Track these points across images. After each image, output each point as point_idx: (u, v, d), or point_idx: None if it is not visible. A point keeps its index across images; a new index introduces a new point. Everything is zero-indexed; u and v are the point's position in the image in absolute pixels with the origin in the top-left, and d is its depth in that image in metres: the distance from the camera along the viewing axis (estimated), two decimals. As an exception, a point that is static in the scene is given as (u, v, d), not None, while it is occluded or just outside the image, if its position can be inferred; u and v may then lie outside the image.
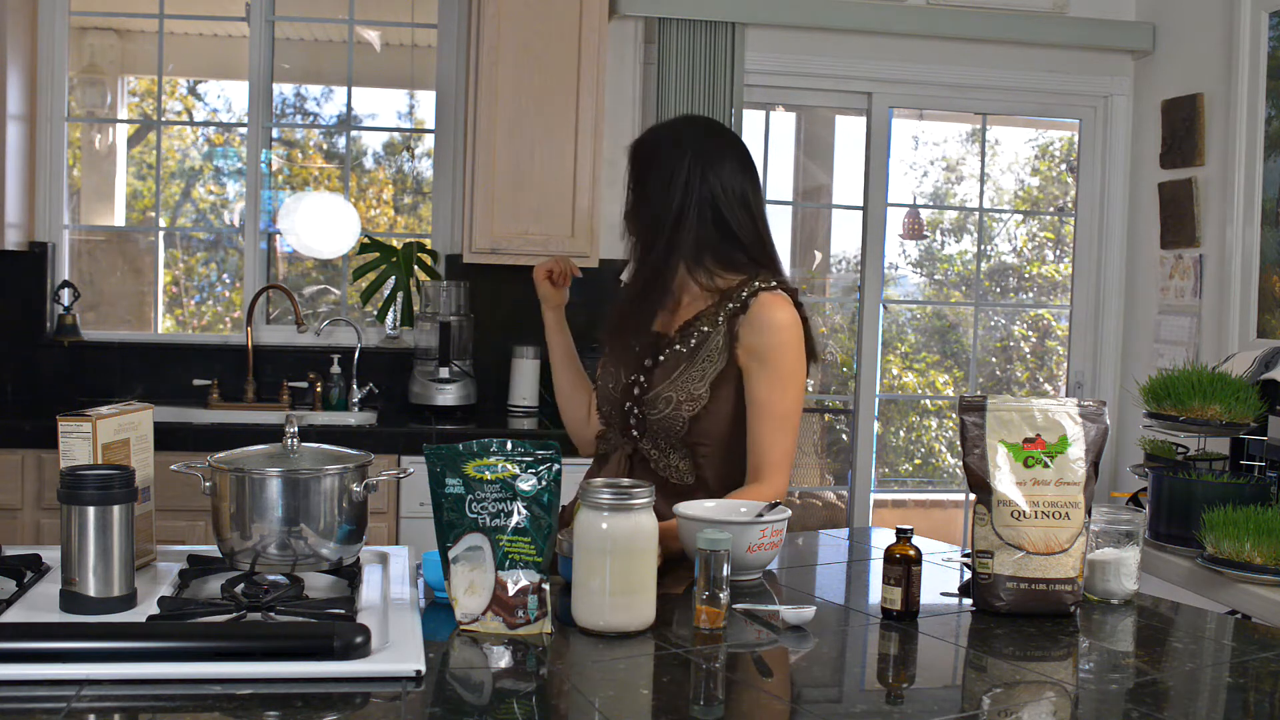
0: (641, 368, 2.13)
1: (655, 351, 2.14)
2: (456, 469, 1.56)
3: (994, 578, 1.72)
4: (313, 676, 1.32)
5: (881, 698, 1.42)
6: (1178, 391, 2.65)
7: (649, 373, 2.12)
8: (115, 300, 4.46)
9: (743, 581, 1.84)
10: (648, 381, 2.11)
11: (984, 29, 4.28)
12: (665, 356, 2.12)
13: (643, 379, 2.12)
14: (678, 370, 2.10)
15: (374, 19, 4.51)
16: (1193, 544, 2.56)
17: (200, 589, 1.69)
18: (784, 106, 4.71)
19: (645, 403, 2.10)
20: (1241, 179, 3.75)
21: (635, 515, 1.56)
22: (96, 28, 4.51)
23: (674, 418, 2.08)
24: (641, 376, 2.12)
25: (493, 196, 3.81)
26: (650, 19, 4.10)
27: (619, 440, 2.17)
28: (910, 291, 5.68)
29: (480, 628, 1.55)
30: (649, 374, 2.12)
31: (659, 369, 2.12)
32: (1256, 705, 1.44)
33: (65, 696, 1.26)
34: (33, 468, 3.43)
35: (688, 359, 2.10)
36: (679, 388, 2.09)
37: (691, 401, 2.08)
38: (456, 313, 4.02)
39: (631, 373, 2.15)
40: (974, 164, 4.90)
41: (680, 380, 2.09)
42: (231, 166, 4.59)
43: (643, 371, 2.13)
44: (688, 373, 2.09)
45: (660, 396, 2.09)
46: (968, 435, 1.77)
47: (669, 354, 2.12)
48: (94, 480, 1.53)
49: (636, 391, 2.12)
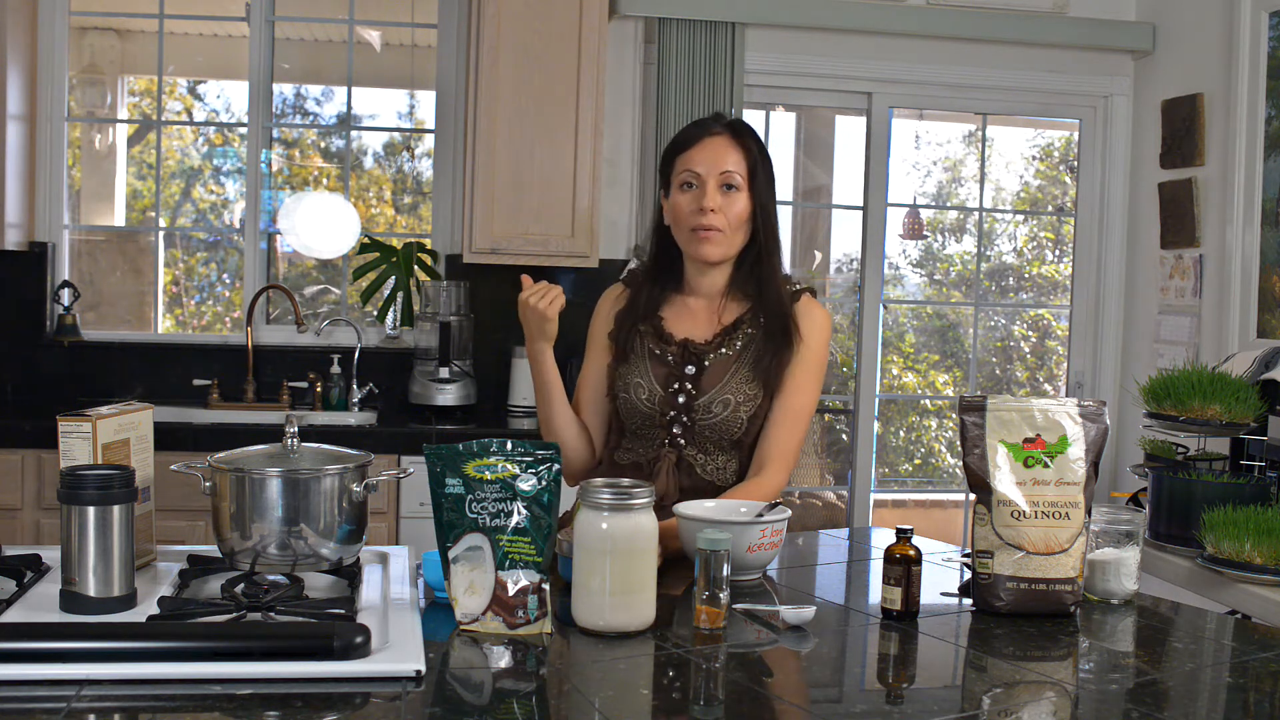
0: (683, 375, 2.13)
1: (695, 358, 2.14)
2: (456, 469, 1.56)
3: (994, 578, 1.72)
4: (313, 676, 1.32)
5: (881, 698, 1.42)
6: (1178, 391, 2.65)
7: (695, 379, 2.13)
8: (115, 300, 4.45)
9: (743, 581, 1.84)
10: (695, 388, 2.12)
11: (984, 29, 4.28)
12: (711, 361, 2.13)
13: (689, 386, 2.12)
14: (729, 373, 2.12)
15: (374, 19, 4.51)
16: (1193, 544, 2.56)
17: (200, 589, 1.69)
18: (784, 106, 4.71)
19: (695, 409, 2.11)
20: (1241, 179, 3.75)
21: (635, 515, 1.56)
22: (96, 28, 4.51)
23: (732, 420, 2.11)
24: (687, 384, 2.13)
25: (493, 196, 3.81)
26: (650, 19, 4.10)
27: (656, 450, 2.14)
28: (910, 291, 5.68)
29: (480, 628, 1.55)
30: (695, 380, 2.13)
31: (707, 374, 2.13)
32: (1256, 705, 1.44)
33: (65, 696, 1.26)
34: (33, 468, 3.43)
35: (736, 361, 2.13)
36: (735, 390, 2.11)
37: (749, 402, 2.11)
38: (456, 313, 4.02)
39: (670, 381, 2.14)
40: (974, 164, 4.90)
41: (734, 382, 2.12)
42: (231, 166, 4.59)
43: (686, 379, 2.13)
44: (739, 374, 2.12)
45: (716, 400, 2.11)
46: (968, 435, 1.77)
47: (715, 358, 2.14)
48: (94, 480, 1.53)
49: (683, 399, 2.12)
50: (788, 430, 2.13)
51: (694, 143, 2.15)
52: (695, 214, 2.11)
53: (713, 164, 2.12)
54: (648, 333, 2.19)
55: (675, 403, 2.12)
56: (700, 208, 2.11)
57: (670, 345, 2.16)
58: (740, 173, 2.12)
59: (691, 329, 2.18)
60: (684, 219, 2.14)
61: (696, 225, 2.11)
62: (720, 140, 2.14)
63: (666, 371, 2.15)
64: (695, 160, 2.13)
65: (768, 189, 2.17)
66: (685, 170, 2.14)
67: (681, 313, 2.21)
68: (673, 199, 2.17)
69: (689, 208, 2.13)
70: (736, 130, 2.17)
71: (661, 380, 2.14)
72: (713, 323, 2.18)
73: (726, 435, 2.12)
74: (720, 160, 2.12)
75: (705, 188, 2.11)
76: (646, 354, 2.17)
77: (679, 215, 2.15)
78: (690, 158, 2.14)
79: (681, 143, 2.18)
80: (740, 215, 2.12)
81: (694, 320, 2.19)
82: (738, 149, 2.14)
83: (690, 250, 2.16)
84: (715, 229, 2.11)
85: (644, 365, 2.16)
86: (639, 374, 2.16)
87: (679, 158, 2.16)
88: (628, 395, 2.16)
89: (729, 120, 2.20)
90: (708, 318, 2.19)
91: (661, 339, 2.17)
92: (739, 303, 2.19)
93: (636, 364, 2.17)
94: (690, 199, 2.13)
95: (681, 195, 2.14)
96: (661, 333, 2.18)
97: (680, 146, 2.17)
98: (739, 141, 2.15)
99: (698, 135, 2.16)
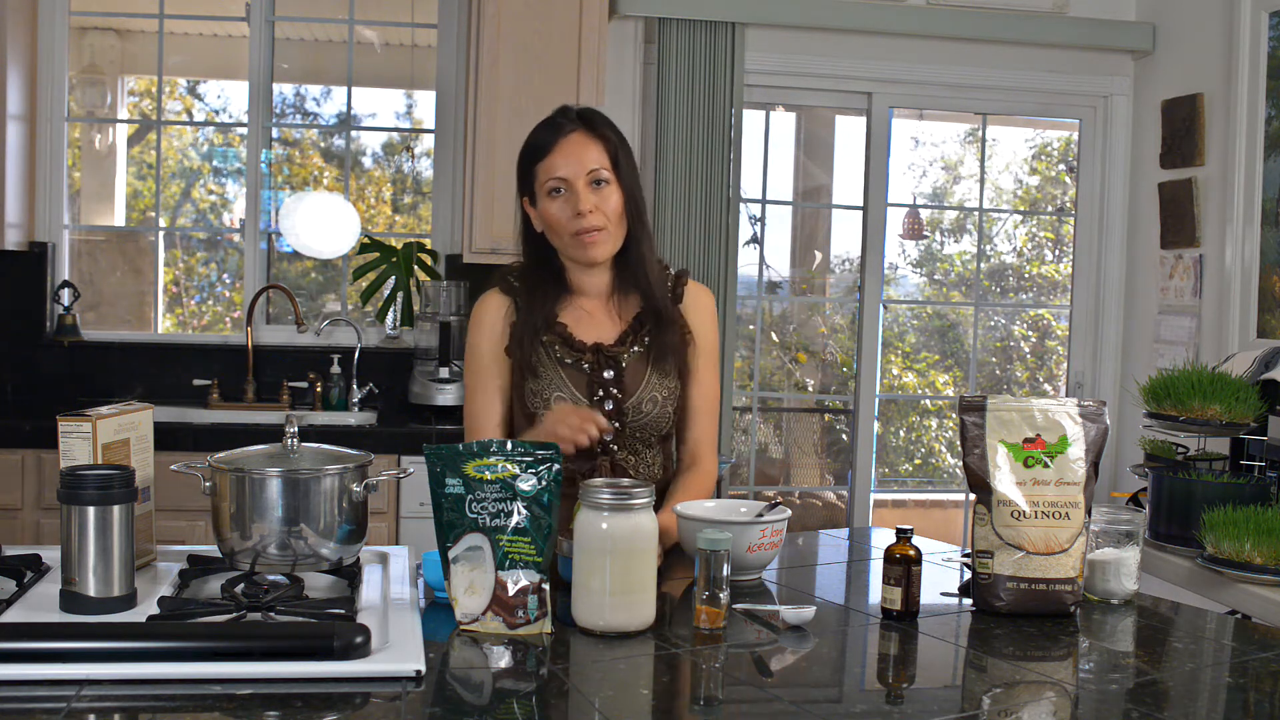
0: (604, 380, 2.07)
1: (610, 361, 2.08)
2: (456, 469, 1.56)
3: (994, 578, 1.72)
4: (313, 676, 1.32)
5: (881, 698, 1.42)
6: (1178, 391, 2.65)
7: (616, 383, 2.07)
8: (115, 300, 4.46)
9: (743, 581, 1.84)
10: (620, 391, 2.07)
11: (984, 29, 4.28)
12: (626, 362, 2.08)
13: (614, 390, 2.07)
14: (647, 370, 2.10)
15: (374, 19, 4.51)
16: (1193, 544, 2.56)
17: (200, 589, 1.69)
18: (784, 106, 4.71)
19: (625, 412, 2.07)
20: (1241, 179, 3.75)
21: (635, 515, 1.56)
22: (96, 28, 4.51)
23: (661, 416, 2.10)
24: (611, 388, 2.07)
25: (493, 196, 3.81)
26: (650, 19, 4.10)
27: (588, 460, 2.06)
28: (910, 291, 5.68)
29: (480, 628, 1.55)
30: (617, 384, 2.07)
31: (627, 376, 2.08)
32: (1256, 705, 1.44)
33: (65, 696, 1.26)
34: (33, 468, 3.43)
35: (649, 357, 2.10)
36: (658, 386, 2.09)
37: (672, 395, 2.11)
38: (456, 313, 4.02)
39: (593, 389, 2.07)
40: (973, 164, 4.90)
41: (654, 378, 2.09)
42: (231, 166, 4.59)
43: (609, 384, 2.07)
44: (656, 369, 2.10)
45: (645, 399, 2.08)
46: (968, 435, 1.77)
47: (629, 358, 2.09)
48: (94, 480, 1.53)
49: (610, 405, 2.06)
50: (709, 417, 2.18)
51: (551, 146, 2.04)
52: (573, 219, 2.02)
53: (577, 165, 2.02)
54: (553, 342, 2.08)
55: (604, 409, 2.05)
56: (577, 211, 2.02)
57: (583, 353, 2.08)
58: (605, 166, 2.03)
59: (597, 332, 2.11)
60: (562, 226, 2.04)
61: (578, 229, 2.02)
62: (577, 137, 2.04)
63: (586, 379, 2.07)
64: (557, 165, 2.03)
65: (632, 175, 2.09)
66: (550, 178, 2.04)
67: (580, 317, 2.12)
68: (542, 207, 2.06)
69: (564, 214, 2.03)
70: (590, 122, 2.07)
71: (584, 389, 2.07)
72: (614, 322, 2.13)
73: (655, 432, 2.11)
74: (583, 159, 2.03)
75: (575, 191, 2.02)
76: (556, 364, 2.07)
77: (555, 223, 2.05)
78: (552, 164, 2.04)
79: (538, 148, 2.06)
80: (616, 209, 2.05)
81: (595, 323, 2.12)
82: (596, 142, 2.05)
83: (576, 255, 2.07)
84: (597, 228, 2.03)
85: (558, 377, 2.07)
86: (556, 387, 2.07)
87: (539, 165, 2.06)
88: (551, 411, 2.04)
89: (578, 112, 2.09)
90: (607, 318, 2.13)
91: (572, 347, 2.08)
92: (631, 298, 2.13)
93: (549, 377, 2.07)
94: (562, 205, 2.04)
95: (552, 202, 2.04)
96: (571, 340, 2.08)
97: (538, 152, 2.06)
98: (596, 134, 2.06)
99: (553, 138, 2.05)
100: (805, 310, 5.41)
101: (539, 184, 2.06)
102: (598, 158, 2.04)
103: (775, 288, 5.11)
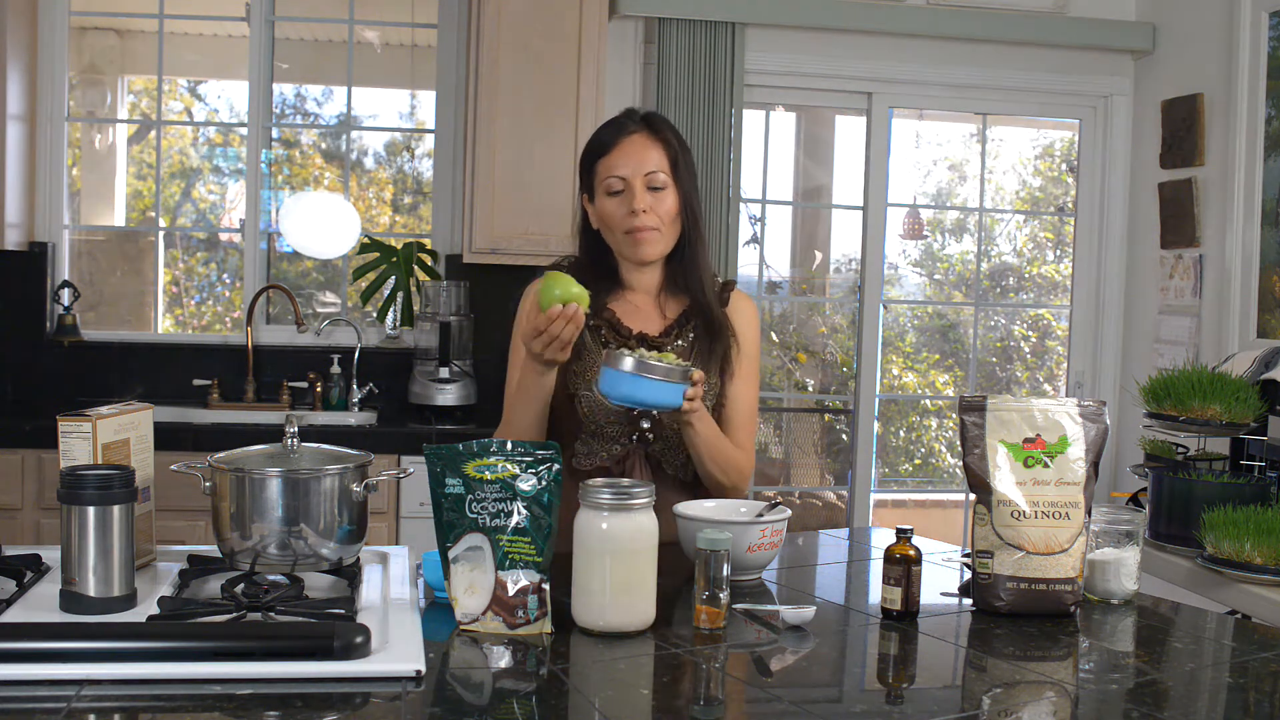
0: None
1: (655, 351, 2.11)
2: (456, 469, 1.56)
3: (994, 578, 1.72)
4: (313, 676, 1.32)
5: (881, 698, 1.42)
6: (1178, 391, 2.65)
7: None
8: (115, 300, 4.46)
9: (743, 581, 1.84)
10: None
11: (984, 29, 4.28)
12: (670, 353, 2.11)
13: None
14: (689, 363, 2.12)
15: (374, 19, 4.51)
16: (1193, 544, 2.56)
17: (200, 589, 1.68)
18: (784, 106, 4.71)
19: None
20: (1241, 179, 3.75)
21: (635, 515, 1.56)
22: (96, 28, 4.51)
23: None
24: None
25: (493, 196, 3.81)
26: (650, 19, 4.10)
27: (622, 449, 2.10)
28: (910, 291, 5.68)
29: (480, 628, 1.55)
30: None
31: None
32: (1256, 705, 1.44)
33: (65, 696, 1.26)
34: (33, 468, 3.44)
35: (691, 352, 2.14)
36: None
37: (711, 392, 2.13)
38: (456, 313, 4.02)
39: None
40: (974, 164, 4.90)
41: None
42: (231, 166, 4.59)
43: None
44: (698, 363, 2.13)
45: None
46: (968, 435, 1.77)
47: (673, 349, 2.13)
48: (94, 480, 1.53)
49: None
50: (751, 422, 2.21)
51: (613, 145, 2.10)
52: (627, 217, 2.08)
53: (636, 165, 2.08)
54: (599, 327, 2.13)
55: None
56: (632, 210, 2.07)
57: (628, 339, 2.13)
58: (664, 170, 2.09)
59: (642, 324, 2.16)
60: (616, 224, 2.10)
61: (631, 228, 2.08)
62: (639, 139, 2.10)
63: None
64: (617, 164, 2.08)
65: (691, 181, 2.14)
66: (609, 176, 2.09)
67: (627, 308, 2.18)
68: (600, 205, 2.12)
69: (619, 212, 2.09)
70: (653, 125, 2.12)
71: None
72: (659, 317, 2.18)
73: None
74: (643, 161, 2.08)
75: (632, 190, 2.07)
76: (600, 348, 2.12)
77: (611, 221, 2.11)
78: (612, 162, 2.09)
79: (600, 146, 2.12)
80: (671, 211, 2.10)
81: (640, 315, 2.17)
82: (657, 145, 2.10)
83: (628, 253, 2.13)
84: (650, 228, 2.08)
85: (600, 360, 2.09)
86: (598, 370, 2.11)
87: (600, 162, 2.11)
88: (590, 393, 2.09)
89: (643, 115, 2.14)
90: (653, 313, 2.18)
91: (618, 333, 2.13)
92: (677, 298, 2.18)
93: (592, 360, 2.10)
94: (619, 204, 2.09)
95: (609, 201, 2.10)
96: (618, 326, 2.13)
97: (599, 150, 2.12)
98: (658, 137, 2.11)
99: (615, 137, 2.11)
100: (805, 310, 5.41)
101: (598, 181, 2.12)
102: (657, 160, 2.09)
103: (775, 288, 5.11)
